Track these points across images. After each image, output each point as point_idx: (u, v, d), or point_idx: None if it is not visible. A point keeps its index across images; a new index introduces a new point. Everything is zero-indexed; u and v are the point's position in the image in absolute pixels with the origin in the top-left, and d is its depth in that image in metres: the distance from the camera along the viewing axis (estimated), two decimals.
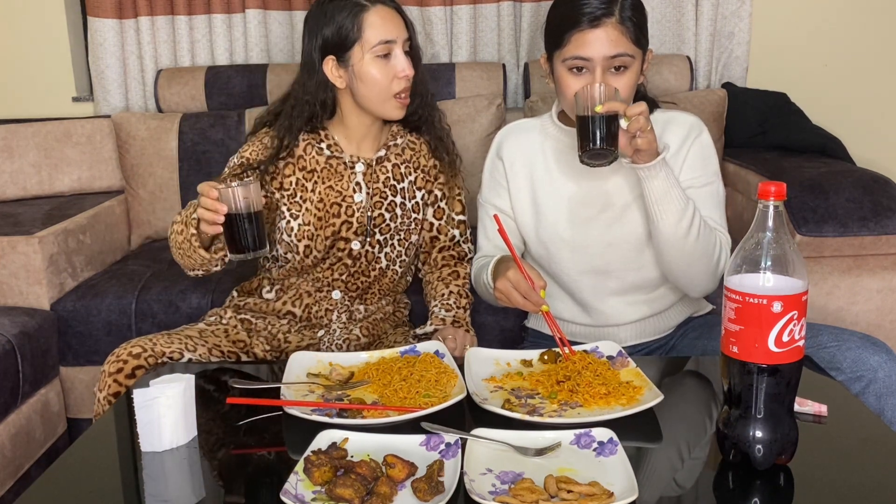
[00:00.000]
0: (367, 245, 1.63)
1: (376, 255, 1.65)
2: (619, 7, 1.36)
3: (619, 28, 1.35)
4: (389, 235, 1.65)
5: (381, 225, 1.64)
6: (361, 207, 1.62)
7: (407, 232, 1.67)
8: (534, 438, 1.06)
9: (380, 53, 1.53)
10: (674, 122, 1.50)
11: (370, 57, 1.53)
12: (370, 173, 1.64)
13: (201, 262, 1.50)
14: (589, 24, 1.35)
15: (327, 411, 1.14)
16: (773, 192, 0.94)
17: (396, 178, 1.66)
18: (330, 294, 1.66)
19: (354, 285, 1.67)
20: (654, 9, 2.64)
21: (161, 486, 1.03)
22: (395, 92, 1.55)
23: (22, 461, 1.88)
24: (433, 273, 1.73)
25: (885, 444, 1.05)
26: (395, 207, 1.65)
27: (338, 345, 1.66)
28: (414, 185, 1.68)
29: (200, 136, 2.49)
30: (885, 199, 1.96)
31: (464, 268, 1.72)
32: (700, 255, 1.40)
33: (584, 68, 1.38)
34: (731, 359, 0.98)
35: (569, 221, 1.52)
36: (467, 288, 1.71)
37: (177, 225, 1.51)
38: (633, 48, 1.38)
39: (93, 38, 2.71)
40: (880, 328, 2.02)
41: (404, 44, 1.55)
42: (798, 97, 2.54)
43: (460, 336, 1.57)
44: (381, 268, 1.67)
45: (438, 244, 1.72)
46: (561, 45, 1.39)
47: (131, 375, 1.43)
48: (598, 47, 1.35)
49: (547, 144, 1.56)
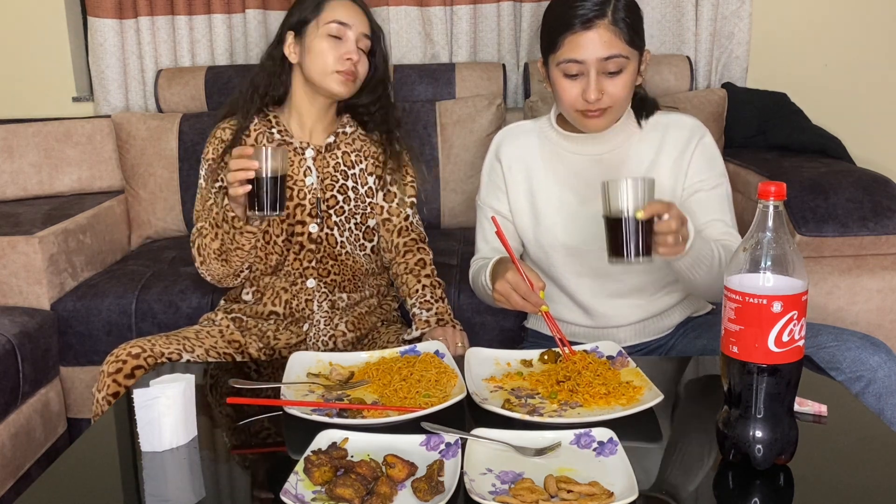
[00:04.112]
0: (325, 228, 1.65)
1: (338, 239, 1.67)
2: (612, 8, 1.35)
3: (611, 29, 1.35)
4: (345, 218, 1.67)
5: (335, 207, 1.66)
6: (313, 189, 1.65)
7: (363, 216, 1.69)
8: (534, 438, 1.06)
9: (332, 32, 1.59)
10: (674, 125, 1.50)
11: (322, 33, 1.59)
12: (320, 159, 1.67)
13: (251, 246, 1.54)
14: (581, 26, 1.35)
15: (327, 411, 1.14)
16: (773, 192, 0.94)
17: (347, 165, 1.69)
18: (304, 284, 1.67)
19: (326, 271, 1.67)
20: (654, 9, 2.64)
21: (161, 486, 1.03)
22: (337, 69, 1.59)
23: (22, 461, 1.88)
24: (399, 263, 1.73)
25: (884, 444, 1.05)
26: (347, 190, 1.67)
27: (324, 341, 1.66)
28: (365, 171, 1.71)
29: (200, 136, 2.49)
30: (885, 199, 1.96)
31: (426, 253, 1.73)
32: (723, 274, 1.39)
33: (578, 72, 1.38)
34: (731, 359, 0.98)
35: (567, 225, 1.52)
36: (435, 273, 1.72)
37: (205, 230, 1.57)
38: (628, 49, 1.37)
39: (93, 38, 2.71)
40: (880, 328, 2.02)
41: (361, 37, 1.61)
42: (798, 97, 2.54)
43: (450, 335, 1.58)
44: (346, 252, 1.68)
45: (392, 226, 1.72)
46: (555, 48, 1.39)
47: (130, 376, 1.43)
48: (591, 49, 1.35)
49: (545, 148, 1.55)
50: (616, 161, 1.50)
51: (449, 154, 2.47)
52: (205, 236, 1.57)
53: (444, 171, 2.47)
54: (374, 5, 2.68)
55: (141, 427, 1.08)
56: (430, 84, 2.56)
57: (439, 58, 2.72)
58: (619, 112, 1.45)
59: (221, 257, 1.56)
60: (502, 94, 2.57)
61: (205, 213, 1.63)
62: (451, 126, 2.48)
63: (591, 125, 1.44)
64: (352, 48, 1.59)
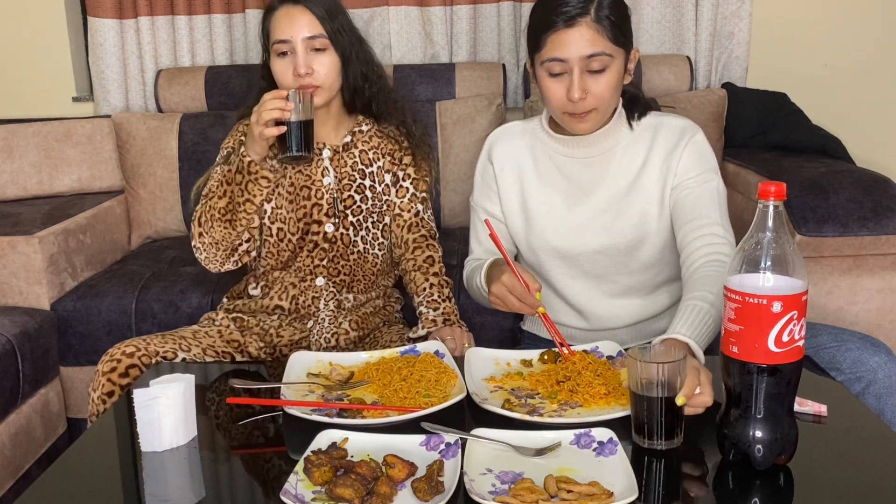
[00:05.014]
0: (340, 228, 1.65)
1: (352, 239, 1.66)
2: (596, 6, 1.34)
3: (594, 27, 1.34)
4: (362, 217, 1.67)
5: (353, 207, 1.66)
6: (330, 190, 1.64)
7: (380, 214, 1.69)
8: (534, 438, 1.06)
9: (278, 51, 1.57)
10: (666, 126, 1.48)
11: (274, 54, 1.59)
12: (337, 159, 1.66)
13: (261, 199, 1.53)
14: (564, 24, 1.34)
15: (327, 411, 1.14)
16: (773, 192, 0.94)
17: (365, 164, 1.68)
18: (314, 282, 1.67)
19: (336, 270, 1.67)
20: (653, 9, 2.64)
21: (161, 486, 1.03)
22: (296, 87, 1.55)
23: (22, 461, 1.88)
24: (408, 259, 1.72)
25: (884, 444, 1.05)
26: (364, 189, 1.67)
27: (326, 338, 1.66)
28: (382, 169, 1.70)
29: (200, 136, 2.49)
30: (885, 199, 1.96)
31: (436, 250, 1.72)
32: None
33: (562, 71, 1.37)
34: (730, 359, 0.98)
35: (558, 229, 1.51)
36: (444, 272, 1.71)
37: (211, 192, 1.55)
38: (612, 47, 1.35)
39: (93, 38, 2.71)
40: (880, 328, 2.02)
41: (306, 43, 1.55)
42: (798, 97, 2.54)
43: (457, 335, 1.57)
44: (359, 251, 1.67)
45: (402, 221, 1.71)
46: (539, 47, 1.38)
47: (125, 375, 1.43)
48: (573, 48, 1.34)
49: (537, 150, 1.54)
50: (606, 163, 1.49)
51: (449, 154, 2.47)
52: (210, 198, 1.55)
53: (444, 171, 2.47)
54: (374, 5, 2.68)
55: (141, 427, 1.08)
56: (430, 84, 2.56)
57: (439, 58, 2.72)
58: (605, 113, 1.43)
59: (226, 217, 1.54)
60: (502, 94, 2.57)
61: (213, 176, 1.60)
62: (451, 126, 2.48)
63: (577, 127, 1.43)
64: (299, 62, 1.54)
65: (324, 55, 1.57)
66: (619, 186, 1.47)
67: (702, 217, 1.40)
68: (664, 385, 1.01)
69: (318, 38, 1.55)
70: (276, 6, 1.59)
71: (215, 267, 1.62)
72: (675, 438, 1.03)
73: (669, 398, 1.01)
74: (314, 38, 1.55)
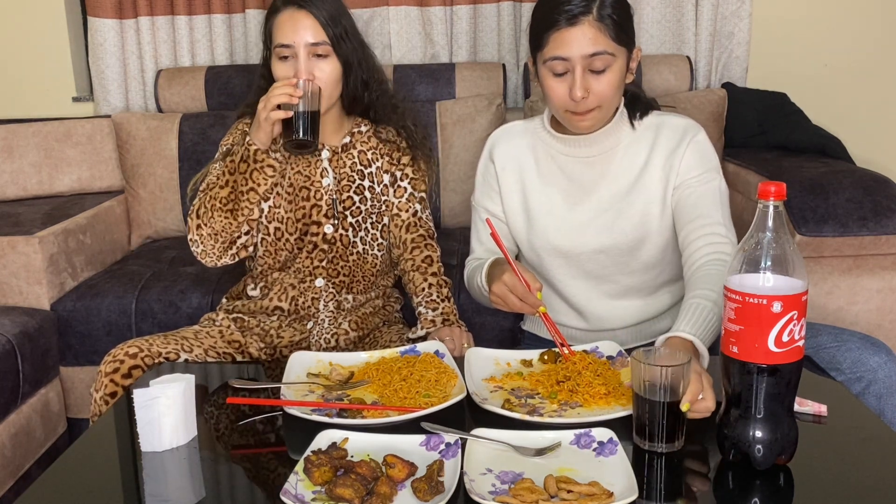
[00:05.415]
0: (339, 229, 1.65)
1: (352, 240, 1.66)
2: (598, 5, 1.34)
3: (596, 26, 1.34)
4: (361, 219, 1.66)
5: (352, 208, 1.65)
6: (329, 191, 1.64)
7: (379, 215, 1.69)
8: (534, 438, 1.06)
9: (280, 55, 1.56)
10: (668, 126, 1.48)
11: (275, 58, 1.58)
12: (336, 159, 1.66)
13: (265, 188, 1.54)
14: (567, 22, 1.34)
15: (327, 411, 1.14)
16: (773, 192, 0.94)
17: (363, 164, 1.68)
18: (313, 283, 1.67)
19: (336, 271, 1.67)
20: (654, 9, 2.64)
21: (161, 486, 1.03)
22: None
23: (22, 461, 1.88)
24: (406, 259, 1.71)
25: (885, 444, 1.05)
26: (363, 190, 1.67)
27: (326, 339, 1.66)
28: (381, 169, 1.69)
29: (200, 136, 2.49)
30: (885, 199, 1.96)
31: (434, 249, 1.71)
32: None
33: (564, 70, 1.37)
34: (731, 359, 0.98)
35: (559, 228, 1.51)
36: (442, 272, 1.70)
37: (212, 183, 1.55)
38: (614, 46, 1.36)
39: (93, 38, 2.71)
40: (880, 328, 2.02)
41: (309, 49, 1.54)
42: (798, 97, 2.54)
43: (457, 335, 1.57)
44: (358, 252, 1.67)
45: (400, 221, 1.71)
46: (541, 46, 1.38)
47: (128, 375, 1.43)
48: (575, 46, 1.34)
49: (538, 149, 1.55)
50: (608, 162, 1.49)
51: (449, 154, 2.47)
52: (210, 189, 1.55)
53: (444, 171, 2.47)
54: (374, 5, 2.68)
55: (141, 427, 1.08)
56: (430, 84, 2.56)
57: (439, 58, 2.72)
58: (607, 112, 1.43)
59: (228, 206, 1.53)
60: (502, 94, 2.57)
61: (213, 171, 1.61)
62: (451, 126, 2.48)
63: (579, 126, 1.43)
64: (300, 68, 1.53)
65: (325, 62, 1.56)
66: (620, 186, 1.47)
67: (704, 217, 1.40)
68: (667, 389, 1.01)
69: (321, 45, 1.54)
70: (281, 8, 1.57)
71: (212, 261, 1.60)
72: (676, 442, 1.03)
73: (672, 402, 1.01)
74: (317, 44, 1.54)
